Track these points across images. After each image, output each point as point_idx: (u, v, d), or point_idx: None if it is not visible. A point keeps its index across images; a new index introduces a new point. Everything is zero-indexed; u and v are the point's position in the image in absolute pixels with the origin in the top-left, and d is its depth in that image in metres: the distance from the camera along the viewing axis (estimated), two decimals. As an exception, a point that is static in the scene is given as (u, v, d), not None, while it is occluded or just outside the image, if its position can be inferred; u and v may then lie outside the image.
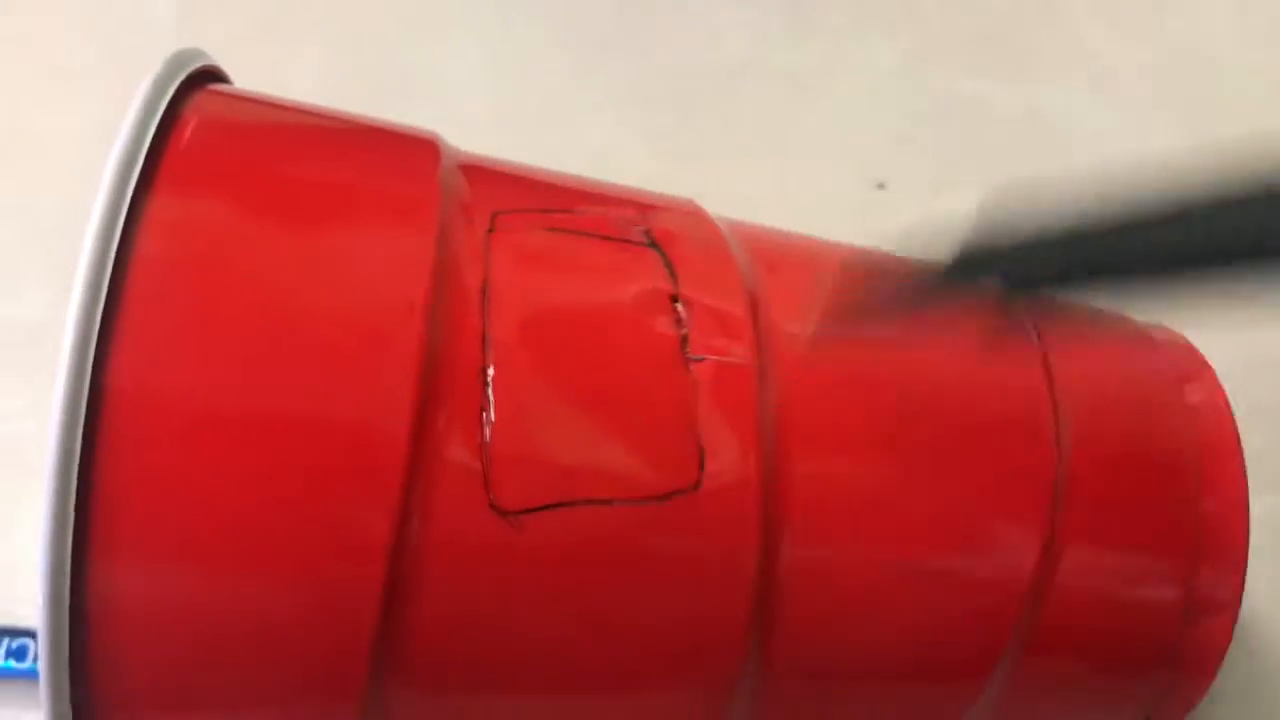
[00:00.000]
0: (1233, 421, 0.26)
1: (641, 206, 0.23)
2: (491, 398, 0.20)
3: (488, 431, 0.19)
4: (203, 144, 0.20)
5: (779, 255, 0.25)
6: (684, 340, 0.21)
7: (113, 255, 0.18)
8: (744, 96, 0.46)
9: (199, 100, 0.21)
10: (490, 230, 0.21)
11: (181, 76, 0.21)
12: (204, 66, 0.22)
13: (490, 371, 0.20)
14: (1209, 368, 0.27)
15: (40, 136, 0.43)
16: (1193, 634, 0.25)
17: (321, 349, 0.19)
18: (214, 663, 0.19)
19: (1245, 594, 0.31)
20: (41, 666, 0.18)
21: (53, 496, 0.17)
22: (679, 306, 0.21)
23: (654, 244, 0.22)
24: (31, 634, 0.31)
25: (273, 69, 0.25)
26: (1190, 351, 0.27)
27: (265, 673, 0.20)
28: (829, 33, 0.48)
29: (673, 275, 0.22)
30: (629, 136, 0.43)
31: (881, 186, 0.44)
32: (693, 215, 0.24)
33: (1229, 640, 0.25)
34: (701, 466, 0.20)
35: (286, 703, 0.20)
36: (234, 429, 0.19)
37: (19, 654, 0.31)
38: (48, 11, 0.46)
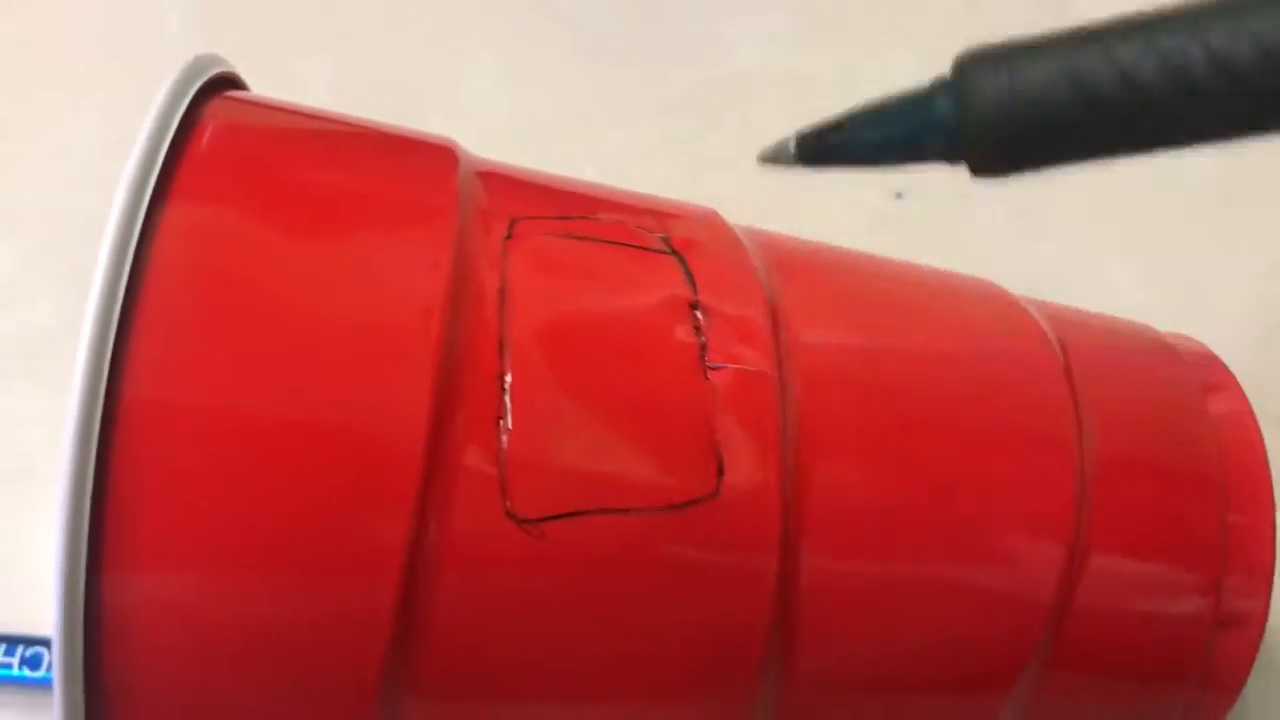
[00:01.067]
0: (1258, 431, 0.25)
1: (660, 214, 0.23)
2: (509, 405, 0.19)
3: (505, 439, 0.19)
4: (220, 150, 0.20)
5: (798, 263, 0.24)
6: (703, 348, 0.21)
7: (129, 262, 0.18)
8: (759, 105, 0.46)
9: (216, 106, 0.21)
10: (508, 237, 0.21)
11: (199, 82, 0.21)
12: (221, 73, 0.22)
13: (508, 378, 0.19)
14: (1233, 378, 0.26)
15: (52, 146, 0.43)
16: (1219, 647, 0.24)
17: (338, 355, 0.19)
18: (227, 672, 0.19)
19: (1274, 609, 0.31)
20: (55, 675, 0.18)
21: (67, 504, 0.17)
22: (698, 314, 0.21)
23: (673, 251, 0.22)
24: (46, 643, 0.31)
25: (287, 81, 0.25)
26: (1213, 361, 0.27)
27: (279, 683, 0.19)
28: (843, 41, 0.48)
29: (692, 283, 0.21)
30: (645, 145, 0.43)
31: (899, 196, 0.44)
32: (711, 223, 0.24)
33: (1255, 653, 0.24)
34: (721, 475, 0.20)
35: (301, 712, 0.20)
36: (249, 437, 0.18)
37: (33, 662, 0.30)
38: (59, 21, 0.46)
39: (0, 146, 0.42)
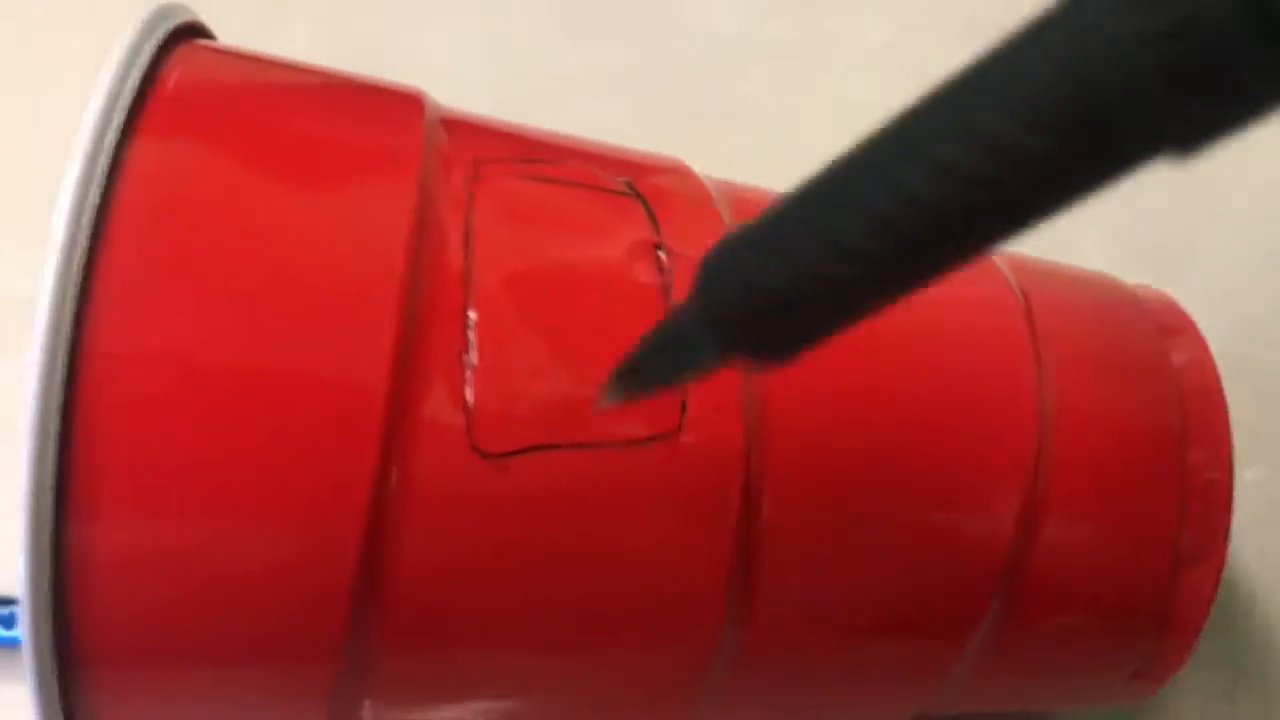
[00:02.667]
0: (1216, 376, 0.26)
1: (626, 162, 0.23)
2: (473, 341, 0.20)
3: (469, 374, 0.19)
4: (185, 94, 0.20)
5: (759, 206, 0.24)
6: (666, 289, 0.21)
7: (93, 206, 0.18)
8: (739, 73, 0.46)
9: (182, 51, 0.21)
10: (473, 178, 0.21)
11: (166, 26, 0.21)
12: (188, 21, 0.22)
13: (472, 315, 0.20)
14: (1192, 324, 0.27)
15: (21, 110, 0.43)
16: (1178, 589, 0.25)
17: (301, 297, 0.19)
18: (195, 615, 0.19)
19: (1235, 566, 0.31)
20: (23, 622, 0.18)
21: (32, 452, 0.17)
22: (661, 255, 0.21)
23: (637, 194, 0.22)
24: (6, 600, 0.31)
25: (263, 48, 0.25)
26: (1173, 308, 0.27)
27: (246, 624, 0.19)
28: (821, 9, 0.48)
29: (655, 226, 0.22)
30: (625, 113, 0.43)
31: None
32: (677, 170, 0.24)
33: (1214, 594, 0.25)
34: (683, 412, 0.20)
35: (268, 653, 0.20)
36: (212, 381, 0.19)
37: (7, 621, 0.31)
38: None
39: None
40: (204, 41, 0.23)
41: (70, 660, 0.19)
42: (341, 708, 0.20)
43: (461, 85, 0.46)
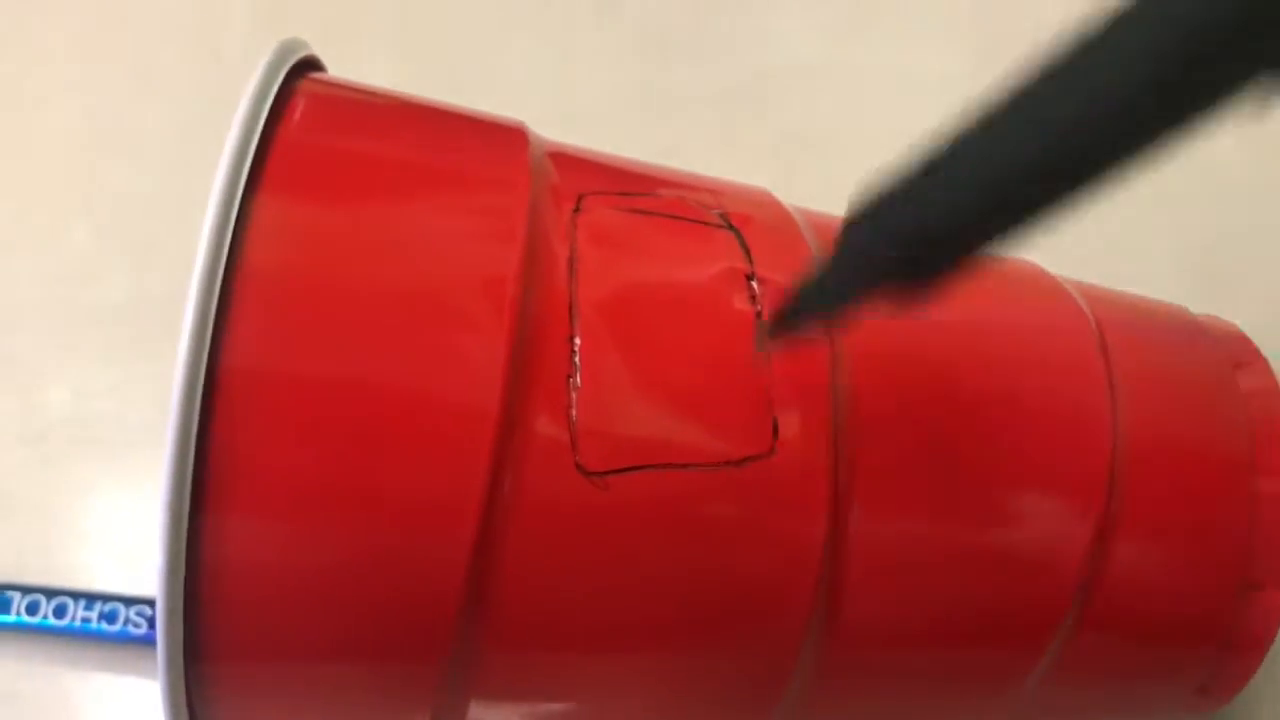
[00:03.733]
0: (1285, 404, 0.26)
1: (716, 192, 0.25)
2: (578, 364, 0.21)
3: (574, 397, 0.21)
4: (310, 125, 0.22)
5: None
6: (759, 316, 0.22)
7: (230, 231, 0.19)
8: (810, 95, 0.47)
9: (305, 84, 0.22)
10: (576, 210, 0.22)
11: (292, 60, 0.22)
12: (307, 55, 0.23)
13: (577, 341, 0.21)
14: (1261, 356, 0.28)
15: (119, 131, 0.44)
16: (1247, 610, 0.25)
17: (421, 318, 0.20)
18: (315, 614, 0.20)
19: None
20: (158, 618, 0.19)
21: (172, 462, 0.19)
22: (754, 285, 0.22)
23: (730, 226, 0.23)
24: (121, 599, 0.32)
25: (345, 71, 0.26)
26: (1242, 339, 0.28)
27: (362, 624, 0.21)
28: (891, 35, 0.49)
29: (748, 255, 0.23)
30: (699, 136, 0.44)
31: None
32: (764, 200, 0.25)
33: (1280, 615, 0.25)
34: (775, 435, 0.21)
35: (380, 651, 0.21)
36: (339, 395, 0.20)
37: (110, 617, 0.32)
38: (129, 12, 0.48)
39: (76, 133, 0.44)
40: (321, 75, 0.24)
41: (197, 655, 0.20)
42: (446, 706, 0.22)
43: (539, 106, 0.47)
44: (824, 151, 0.46)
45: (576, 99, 0.45)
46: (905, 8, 0.50)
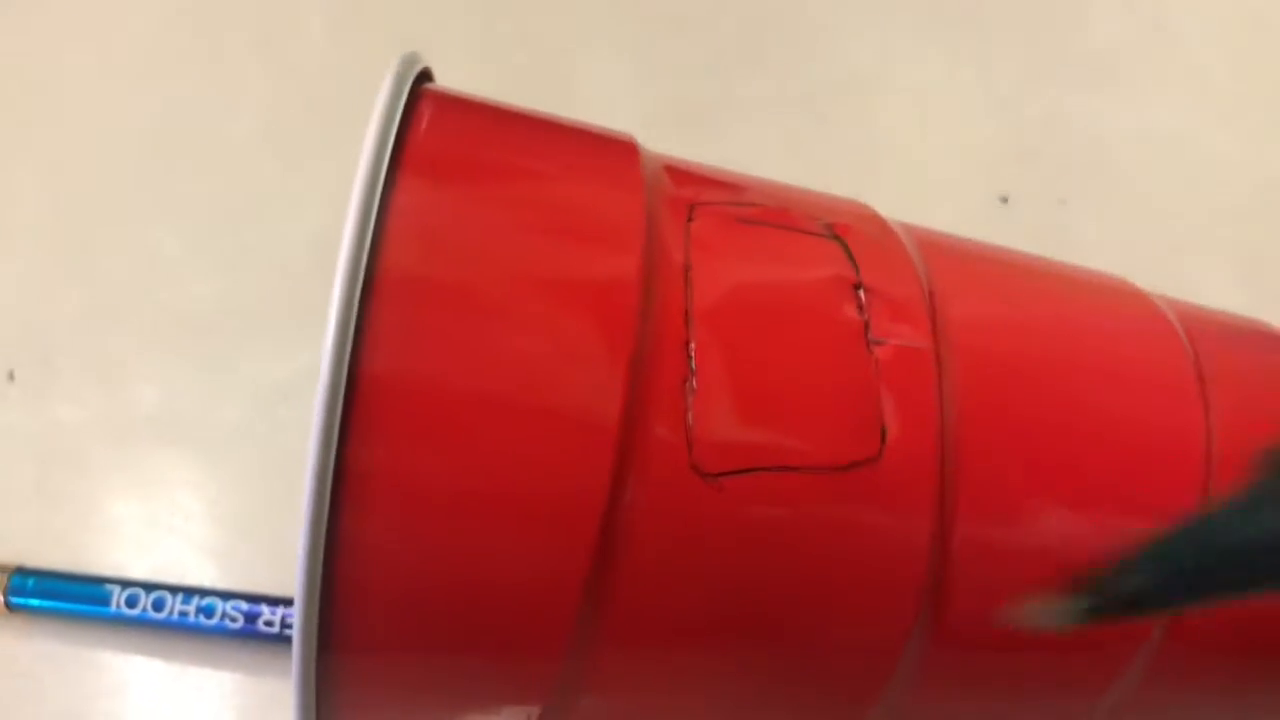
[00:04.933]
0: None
1: (818, 204, 0.25)
2: (694, 369, 0.21)
3: (690, 400, 0.21)
4: (436, 136, 0.22)
5: (944, 249, 0.26)
6: (866, 325, 0.23)
7: (369, 237, 0.20)
8: (873, 108, 0.47)
9: (427, 95, 0.23)
10: (689, 219, 0.23)
11: (415, 71, 0.23)
12: (425, 68, 0.24)
13: (693, 345, 0.21)
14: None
15: (209, 141, 0.46)
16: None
17: (545, 324, 0.21)
18: (443, 609, 0.21)
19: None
20: (296, 609, 0.20)
21: (316, 463, 0.19)
22: (860, 294, 0.23)
23: (834, 236, 0.24)
24: (217, 593, 0.33)
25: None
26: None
27: (483, 620, 0.21)
28: (949, 51, 0.50)
29: (854, 264, 0.23)
30: (767, 144, 0.45)
31: (1004, 200, 0.46)
32: (863, 212, 0.26)
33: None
34: (883, 440, 0.22)
35: (503, 645, 0.22)
36: (468, 400, 0.20)
37: (207, 611, 0.33)
38: (212, 27, 0.49)
39: (165, 143, 0.45)
40: (437, 86, 0.25)
41: (330, 645, 0.21)
42: (558, 699, 0.22)
43: (614, 116, 0.48)
44: (885, 164, 0.46)
45: (651, 108, 0.46)
46: (959, 27, 0.51)
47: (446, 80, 0.25)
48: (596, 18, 0.49)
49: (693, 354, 0.21)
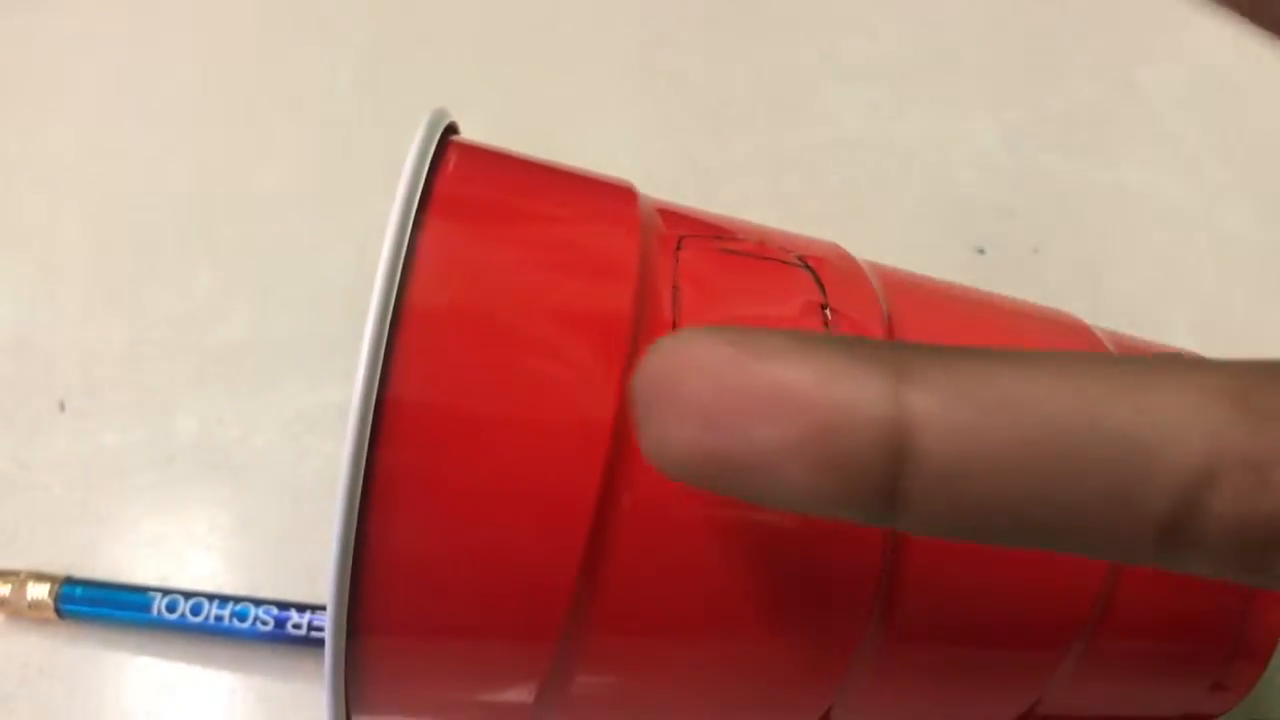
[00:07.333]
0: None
1: (793, 239, 0.28)
2: (680, 381, 0.24)
3: (676, 409, 0.24)
4: (458, 182, 0.25)
5: (906, 285, 0.29)
6: (828, 340, 0.26)
7: (399, 273, 0.23)
8: (860, 167, 0.51)
9: (452, 145, 0.27)
10: (678, 249, 0.26)
11: (444, 124, 0.26)
12: (451, 121, 0.28)
13: (679, 358, 0.24)
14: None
15: (242, 187, 0.49)
16: (1256, 605, 0.28)
17: (552, 346, 0.23)
18: (453, 599, 0.23)
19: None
20: (329, 599, 0.22)
21: (348, 475, 0.22)
22: (827, 313, 0.26)
23: (806, 266, 0.27)
24: (250, 600, 0.36)
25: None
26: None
27: (491, 607, 0.24)
28: (934, 111, 0.53)
29: (822, 289, 0.27)
30: (756, 200, 0.48)
31: (981, 251, 0.49)
32: (835, 249, 0.29)
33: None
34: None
35: (505, 630, 0.24)
36: (482, 417, 0.23)
37: (240, 615, 0.36)
38: (244, 84, 0.53)
39: (203, 191, 0.49)
40: (461, 138, 0.28)
41: (357, 629, 0.23)
42: (555, 677, 0.25)
43: (615, 169, 0.52)
44: (869, 215, 0.50)
45: (650, 163, 0.50)
46: (943, 87, 0.54)
47: (467, 134, 0.29)
48: (599, 83, 0.53)
49: (679, 367, 0.24)
